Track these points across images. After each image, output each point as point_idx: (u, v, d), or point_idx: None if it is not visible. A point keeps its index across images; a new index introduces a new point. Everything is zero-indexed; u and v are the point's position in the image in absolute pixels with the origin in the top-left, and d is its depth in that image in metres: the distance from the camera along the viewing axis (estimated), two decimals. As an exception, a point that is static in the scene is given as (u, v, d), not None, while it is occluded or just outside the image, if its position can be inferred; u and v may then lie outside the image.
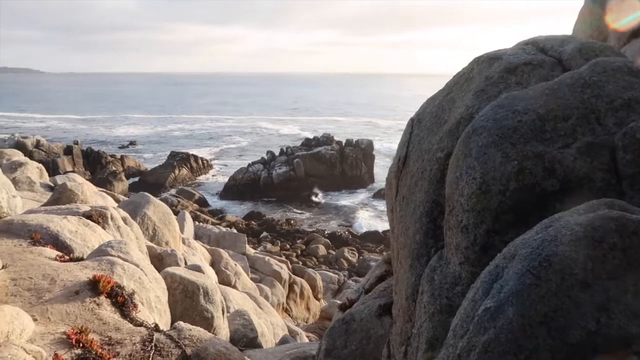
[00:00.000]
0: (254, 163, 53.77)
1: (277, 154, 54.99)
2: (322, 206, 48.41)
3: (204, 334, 6.26)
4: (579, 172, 3.12)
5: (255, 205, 47.30)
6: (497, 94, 3.95)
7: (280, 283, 20.73)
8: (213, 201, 48.41)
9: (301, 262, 29.83)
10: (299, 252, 33.57)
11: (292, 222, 41.68)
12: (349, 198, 50.47)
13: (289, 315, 20.10)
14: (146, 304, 7.03)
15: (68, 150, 52.86)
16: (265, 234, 37.94)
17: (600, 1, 6.49)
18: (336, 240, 36.90)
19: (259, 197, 49.36)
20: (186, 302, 9.15)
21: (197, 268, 11.49)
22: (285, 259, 27.21)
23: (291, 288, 21.34)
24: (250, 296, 15.31)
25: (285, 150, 55.67)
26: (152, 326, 6.08)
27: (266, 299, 17.69)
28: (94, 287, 6.29)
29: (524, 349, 2.18)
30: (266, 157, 54.96)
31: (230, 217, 42.01)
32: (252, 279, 19.32)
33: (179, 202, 43.21)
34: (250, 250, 24.60)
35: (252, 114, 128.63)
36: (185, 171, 55.57)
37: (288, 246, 34.86)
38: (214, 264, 17.33)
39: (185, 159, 57.52)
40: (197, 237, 22.79)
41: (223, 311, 9.86)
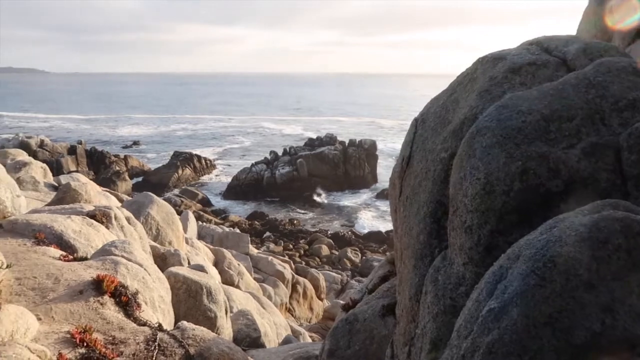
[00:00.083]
0: (257, 163, 53.82)
1: (280, 154, 55.03)
2: (325, 206, 48.42)
3: (208, 333, 6.27)
4: (584, 173, 3.11)
5: (258, 205, 47.35)
6: (501, 95, 3.94)
7: (283, 283, 20.74)
8: (216, 201, 48.49)
9: (304, 262, 29.85)
10: (302, 252, 33.59)
11: (295, 222, 41.71)
12: (352, 198, 50.47)
13: (292, 315, 20.10)
14: (150, 304, 7.04)
15: (72, 150, 53.05)
16: (268, 234, 37.98)
17: (604, 2, 6.47)
18: (339, 240, 36.90)
19: (262, 197, 49.42)
20: (189, 302, 9.16)
21: (201, 268, 11.50)
22: (288, 259, 27.22)
23: (294, 288, 21.35)
24: (253, 296, 15.32)
25: (288, 150, 55.71)
26: (156, 326, 6.09)
27: (269, 299, 17.70)
28: (97, 286, 6.31)
29: (529, 350, 2.17)
30: (269, 157, 55.00)
31: (233, 217, 42.07)
32: (255, 279, 19.33)
33: (182, 202, 43.28)
34: (253, 250, 24.62)
35: (255, 114, 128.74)
36: (188, 171, 55.67)
37: (291, 246, 34.88)
38: (217, 264, 17.35)
39: (188, 159, 57.63)
40: (201, 237, 22.82)
41: (226, 311, 9.86)
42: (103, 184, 32.62)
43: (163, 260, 11.65)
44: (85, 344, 5.13)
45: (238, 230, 31.11)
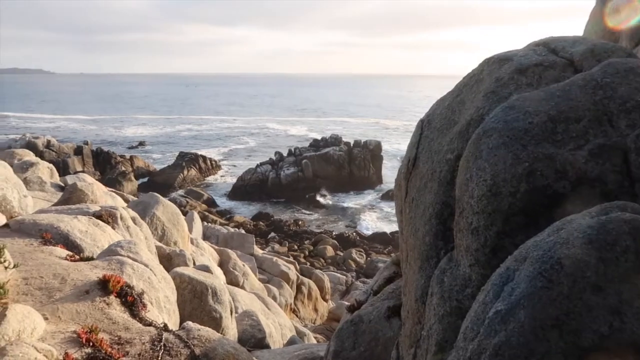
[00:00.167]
0: (262, 164, 53.86)
1: (285, 155, 55.06)
2: (330, 207, 48.38)
3: (213, 334, 6.28)
4: (591, 174, 3.09)
5: (263, 206, 47.40)
6: (508, 96, 3.93)
7: (288, 284, 20.74)
8: (221, 202, 48.56)
9: (309, 263, 29.85)
10: (307, 252, 33.58)
11: (300, 222, 41.71)
12: (357, 199, 50.40)
13: (297, 316, 20.10)
14: (155, 304, 7.07)
15: (78, 151, 53.32)
16: (273, 234, 37.99)
17: (607, 2, 6.44)
18: (344, 241, 36.86)
19: (267, 198, 49.44)
20: (195, 302, 9.19)
21: (206, 268, 11.53)
22: (293, 259, 27.23)
23: (299, 289, 21.35)
24: (258, 297, 15.34)
25: (293, 151, 55.73)
26: (161, 326, 6.11)
27: (274, 299, 17.71)
28: (103, 286, 6.33)
29: (536, 353, 2.17)
30: (274, 157, 55.04)
31: (238, 217, 42.13)
32: (260, 280, 19.36)
33: (187, 202, 43.39)
34: (258, 250, 24.65)
35: (260, 114, 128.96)
36: (193, 171, 55.79)
37: (296, 247, 34.89)
38: (222, 265, 17.38)
39: (193, 160, 57.76)
40: (206, 237, 22.87)
41: (231, 311, 9.88)
42: (109, 184, 32.76)
43: (168, 261, 11.69)
44: (91, 344, 5.15)
45: (243, 231, 31.16)
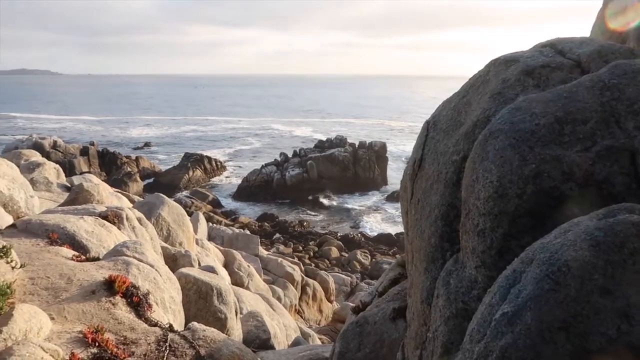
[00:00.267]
0: (267, 165, 53.93)
1: (290, 156, 55.12)
2: (334, 208, 48.36)
3: (218, 334, 6.29)
4: (598, 176, 3.08)
5: (268, 207, 47.44)
6: (514, 97, 3.92)
7: (293, 285, 20.74)
8: (226, 202, 48.65)
9: (314, 264, 29.84)
10: (312, 254, 33.58)
11: (304, 223, 41.72)
12: (362, 200, 50.37)
13: (301, 317, 20.09)
14: (161, 304, 7.08)
15: (84, 151, 53.59)
16: (278, 235, 38.02)
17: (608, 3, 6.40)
18: (349, 242, 36.84)
19: (272, 199, 49.49)
20: (200, 303, 9.20)
21: (211, 269, 11.54)
22: (297, 260, 27.23)
23: (303, 290, 21.34)
24: (262, 297, 15.34)
25: (298, 152, 55.78)
26: (167, 326, 6.13)
27: (279, 300, 17.71)
28: (109, 287, 6.36)
29: (543, 355, 2.15)
30: (279, 158, 55.09)
31: (243, 218, 42.19)
32: (264, 281, 19.37)
33: (192, 203, 43.49)
34: (263, 251, 24.66)
35: (265, 115, 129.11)
36: (199, 172, 55.94)
37: (301, 248, 34.89)
38: (227, 265, 17.41)
39: (199, 160, 57.92)
40: (211, 238, 22.91)
41: (236, 312, 9.89)
42: (115, 184, 32.88)
43: (174, 261, 11.72)
44: (97, 344, 5.17)
45: (248, 232, 31.19)
